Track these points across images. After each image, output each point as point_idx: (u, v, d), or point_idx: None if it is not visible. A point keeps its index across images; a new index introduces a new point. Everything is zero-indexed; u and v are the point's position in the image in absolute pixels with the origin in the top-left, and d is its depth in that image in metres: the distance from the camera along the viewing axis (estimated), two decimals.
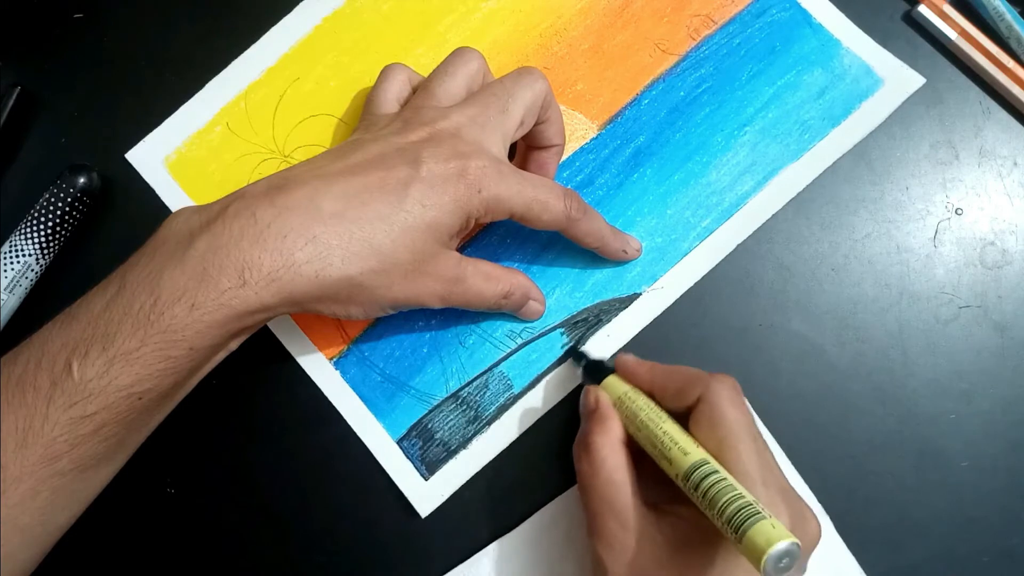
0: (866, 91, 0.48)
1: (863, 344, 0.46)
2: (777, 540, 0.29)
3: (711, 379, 0.37)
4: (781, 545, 0.29)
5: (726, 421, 0.36)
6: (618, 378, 0.41)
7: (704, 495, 0.33)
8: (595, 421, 0.39)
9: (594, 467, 0.37)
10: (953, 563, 0.43)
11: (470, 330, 0.46)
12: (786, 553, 0.29)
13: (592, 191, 0.47)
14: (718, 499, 0.32)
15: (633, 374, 0.40)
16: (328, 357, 0.46)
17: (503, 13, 0.50)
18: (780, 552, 0.29)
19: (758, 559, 0.29)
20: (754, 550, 0.30)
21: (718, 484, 0.33)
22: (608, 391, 0.40)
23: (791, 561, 0.30)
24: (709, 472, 0.33)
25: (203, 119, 0.49)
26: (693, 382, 0.37)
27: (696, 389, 0.37)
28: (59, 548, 0.38)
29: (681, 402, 0.38)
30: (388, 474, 0.45)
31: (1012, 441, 0.44)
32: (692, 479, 0.34)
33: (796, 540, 0.30)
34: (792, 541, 0.29)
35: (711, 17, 0.49)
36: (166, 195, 0.48)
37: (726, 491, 0.32)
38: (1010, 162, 0.47)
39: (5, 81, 0.49)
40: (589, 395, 0.40)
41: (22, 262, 0.45)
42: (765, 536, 0.30)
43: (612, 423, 0.39)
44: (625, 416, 0.39)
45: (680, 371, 0.39)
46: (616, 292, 0.46)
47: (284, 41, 0.50)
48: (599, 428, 0.38)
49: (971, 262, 0.46)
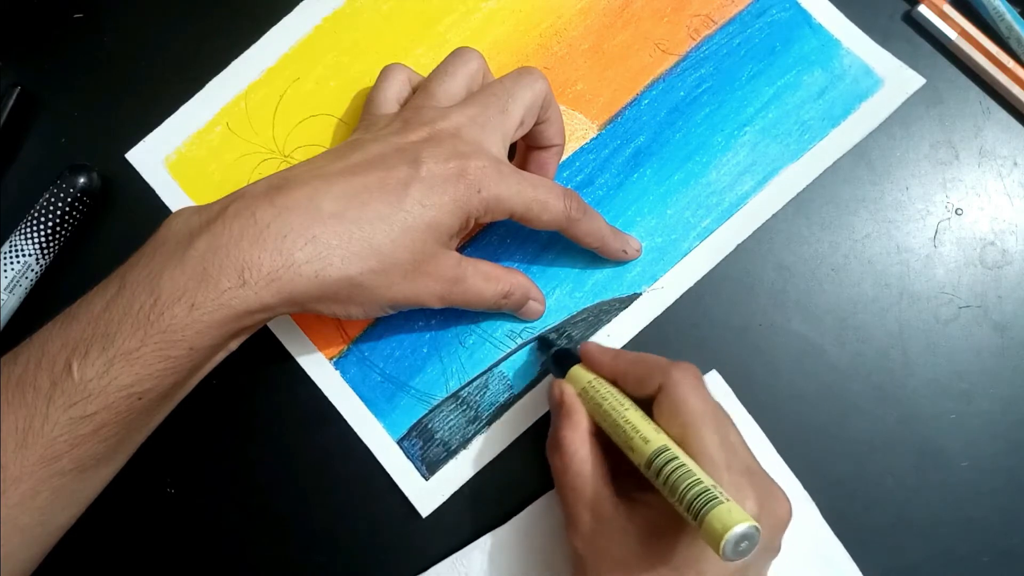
0: (866, 91, 0.48)
1: (863, 344, 0.46)
2: (734, 524, 0.30)
3: (671, 367, 0.37)
4: (738, 529, 0.29)
5: (687, 408, 0.36)
6: (583, 368, 0.41)
7: (665, 482, 0.33)
8: (562, 415, 0.39)
9: (564, 461, 0.38)
10: (953, 563, 0.43)
11: (470, 330, 0.46)
12: (744, 536, 0.30)
13: (592, 191, 0.47)
14: (678, 485, 0.32)
15: (597, 363, 0.40)
16: (328, 357, 0.46)
17: (503, 13, 0.50)
18: (737, 536, 0.29)
19: (716, 543, 0.30)
20: (712, 534, 0.30)
21: (678, 470, 0.33)
22: (573, 382, 0.40)
23: (750, 544, 0.30)
24: (669, 459, 0.34)
25: (203, 119, 0.49)
26: (654, 370, 0.38)
27: (657, 377, 0.37)
28: (59, 548, 0.38)
29: (643, 390, 0.38)
30: (388, 474, 0.45)
31: (1012, 441, 0.44)
32: (653, 466, 0.34)
33: (754, 523, 0.30)
34: (750, 524, 0.30)
35: (711, 17, 0.49)
36: (166, 195, 0.48)
37: (685, 477, 0.32)
38: (1010, 162, 0.47)
39: (5, 81, 0.49)
40: (554, 389, 0.40)
41: (22, 262, 0.45)
42: (722, 521, 0.30)
43: (578, 416, 0.39)
44: (590, 406, 0.39)
45: (642, 359, 0.39)
46: (616, 292, 0.46)
47: (284, 41, 0.50)
48: (566, 422, 0.38)
49: (971, 262, 0.46)
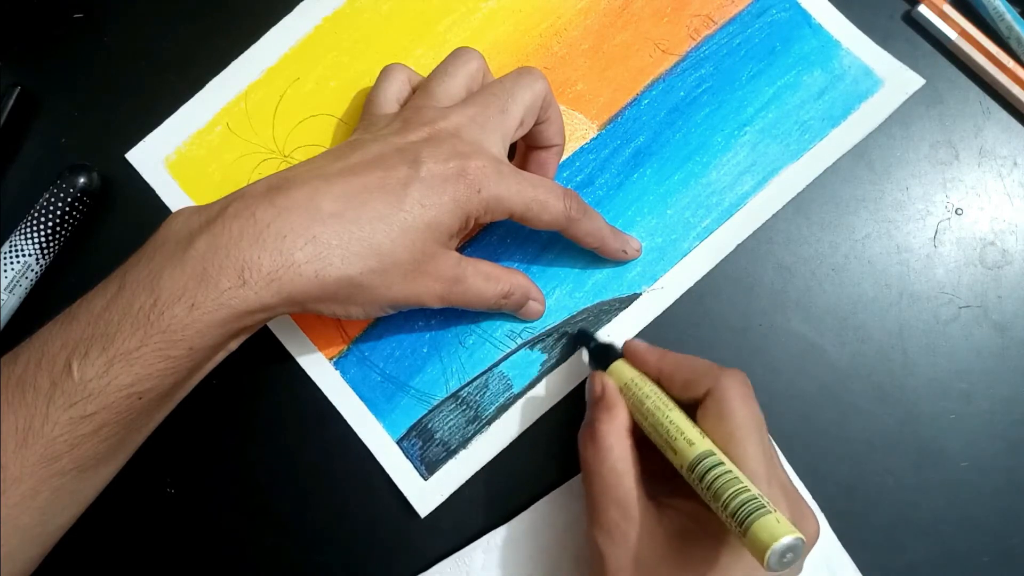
0: (866, 92, 0.48)
1: (863, 344, 0.46)
2: (782, 535, 0.29)
3: (722, 373, 0.37)
4: (786, 540, 0.29)
5: (735, 417, 0.35)
6: (626, 363, 0.40)
7: (709, 487, 0.33)
8: (602, 408, 0.39)
9: (599, 455, 0.37)
10: (953, 563, 0.43)
11: (470, 330, 0.46)
12: (790, 548, 0.29)
13: (592, 191, 0.47)
14: (723, 491, 0.32)
15: (642, 361, 0.40)
16: (328, 357, 0.46)
17: (503, 13, 0.50)
18: (785, 546, 0.29)
19: (762, 553, 0.29)
20: (758, 544, 0.30)
21: (723, 476, 0.33)
22: (615, 377, 0.40)
23: (795, 556, 0.30)
24: (715, 464, 0.33)
25: (203, 119, 0.49)
26: (703, 374, 0.37)
27: (706, 382, 0.37)
28: (59, 548, 0.38)
29: (690, 393, 0.37)
30: (388, 474, 0.45)
31: (1012, 441, 0.44)
32: (697, 470, 0.33)
33: (801, 536, 0.30)
34: (797, 536, 0.30)
35: (711, 17, 0.49)
36: (166, 195, 0.48)
37: (732, 484, 0.32)
38: (1010, 162, 0.47)
39: (5, 81, 0.49)
40: (596, 381, 0.40)
41: (22, 262, 0.45)
42: (770, 530, 0.30)
43: (619, 410, 0.38)
44: (631, 403, 0.38)
45: (691, 361, 0.39)
46: (616, 292, 0.46)
47: (284, 41, 0.50)
48: (606, 416, 0.38)
49: (971, 262, 0.46)
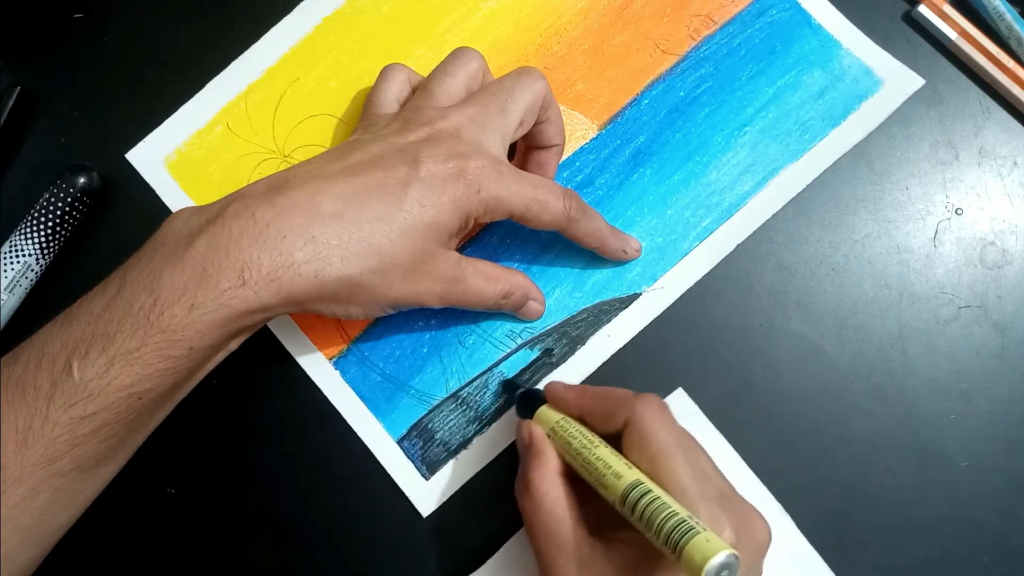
0: (866, 92, 0.48)
1: (863, 344, 0.46)
2: (713, 554, 0.29)
3: (635, 400, 0.36)
4: (717, 559, 0.29)
5: (654, 441, 0.35)
6: (549, 408, 0.40)
7: (640, 517, 0.33)
8: (531, 456, 0.38)
9: (534, 503, 0.37)
10: (953, 563, 0.43)
11: (470, 330, 0.46)
12: (724, 566, 0.30)
13: (592, 191, 0.47)
14: (653, 519, 0.32)
15: (562, 401, 0.40)
16: (328, 357, 0.46)
17: (503, 13, 0.50)
18: (717, 566, 0.29)
19: (697, 573, 0.30)
20: (692, 566, 0.30)
21: (652, 504, 0.32)
22: (541, 422, 0.40)
23: (731, 573, 0.30)
24: (643, 493, 0.33)
25: (203, 119, 0.49)
26: (619, 405, 0.37)
27: (623, 412, 0.36)
28: (59, 548, 0.38)
29: (610, 426, 0.37)
30: (389, 474, 0.45)
31: (1012, 441, 0.44)
32: (628, 501, 0.33)
33: (733, 551, 0.30)
34: (729, 552, 0.30)
35: (711, 17, 0.49)
36: (166, 195, 0.48)
37: (661, 510, 0.32)
38: (1010, 162, 0.47)
39: (5, 81, 0.49)
40: (523, 430, 0.39)
41: (22, 262, 0.45)
42: (701, 551, 0.30)
43: (547, 456, 0.38)
44: (560, 446, 0.38)
45: (606, 394, 0.38)
46: (616, 292, 0.46)
47: (284, 41, 0.50)
48: (535, 463, 0.38)
49: (971, 262, 0.46)
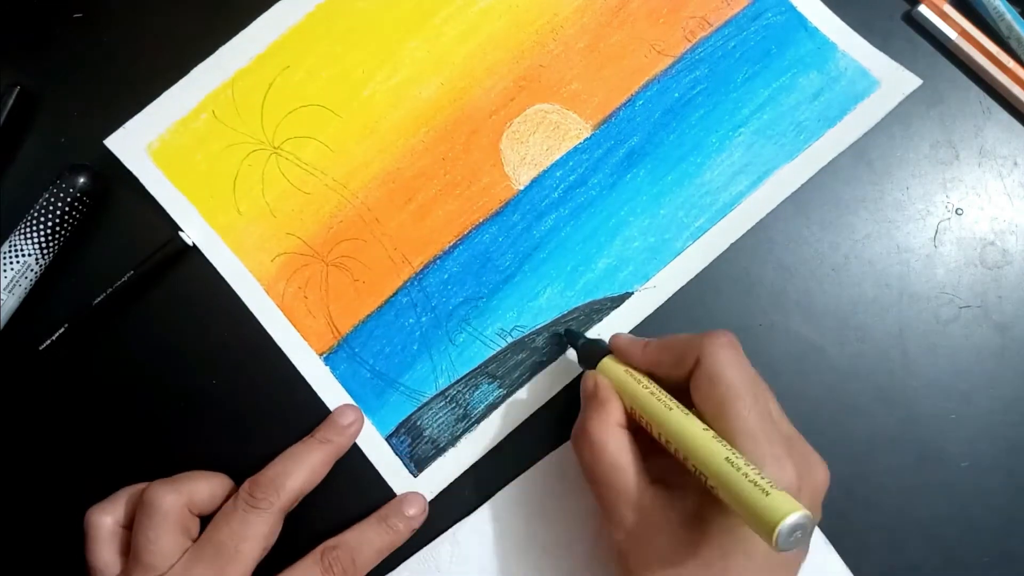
0: (862, 93, 0.47)
1: (863, 344, 0.45)
2: (785, 515, 0.29)
3: (704, 340, 0.36)
4: (790, 520, 0.29)
5: (723, 382, 0.35)
6: (613, 359, 0.40)
7: (710, 474, 0.32)
8: (593, 406, 0.38)
9: (595, 454, 0.37)
10: (953, 563, 0.43)
11: (460, 328, 0.45)
12: (796, 526, 0.29)
13: (585, 191, 0.47)
14: (724, 477, 0.32)
15: (628, 354, 0.40)
16: (318, 352, 0.46)
17: (500, 8, 0.49)
18: (790, 527, 0.29)
19: (770, 536, 0.29)
20: (764, 527, 0.30)
21: (723, 462, 0.32)
22: (607, 373, 0.39)
23: (804, 533, 0.30)
24: (713, 449, 0.33)
25: (187, 106, 0.48)
26: (688, 348, 0.37)
27: (692, 353, 0.36)
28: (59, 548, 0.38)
29: (681, 370, 0.37)
30: (377, 470, 0.44)
31: (1012, 441, 0.44)
32: (697, 458, 0.33)
33: (806, 512, 0.29)
34: (802, 514, 0.29)
35: (707, 19, 0.49)
36: (150, 184, 0.47)
37: (731, 468, 0.32)
38: (1010, 162, 0.47)
39: (5, 81, 0.49)
40: (588, 380, 0.39)
41: (22, 262, 0.46)
42: (773, 512, 0.29)
43: (611, 405, 0.38)
44: (626, 397, 0.38)
45: (674, 340, 0.38)
46: (608, 291, 0.46)
47: (274, 28, 0.49)
48: (596, 414, 0.38)
49: (971, 262, 0.46)
